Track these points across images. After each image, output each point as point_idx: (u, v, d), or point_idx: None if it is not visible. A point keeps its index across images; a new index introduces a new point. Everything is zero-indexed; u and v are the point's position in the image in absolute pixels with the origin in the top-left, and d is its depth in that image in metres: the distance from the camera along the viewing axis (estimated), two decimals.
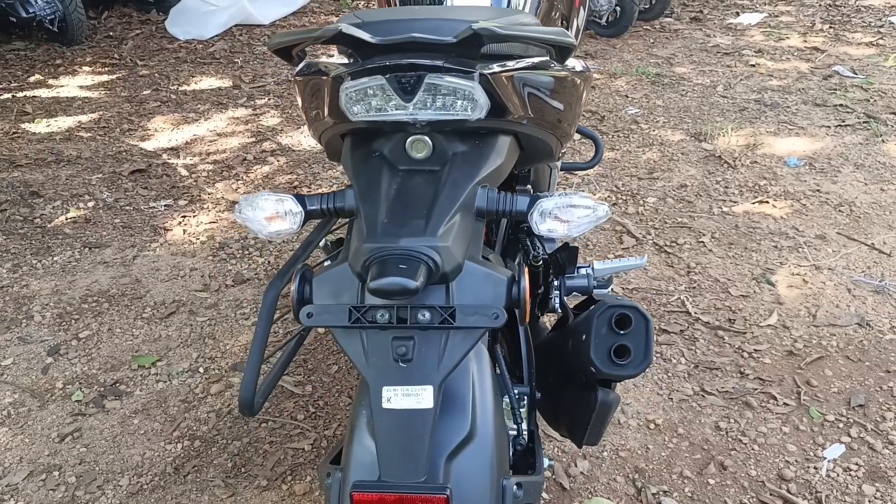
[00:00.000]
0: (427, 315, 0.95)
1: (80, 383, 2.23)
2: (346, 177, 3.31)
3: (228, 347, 2.38)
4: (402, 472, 0.94)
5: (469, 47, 0.98)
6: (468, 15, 1.16)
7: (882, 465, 1.85)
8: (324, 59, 1.18)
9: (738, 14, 5.86)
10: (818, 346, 2.28)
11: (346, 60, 1.15)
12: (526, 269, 0.99)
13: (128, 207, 3.20)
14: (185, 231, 3.03)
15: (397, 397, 0.94)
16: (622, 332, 1.13)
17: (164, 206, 3.21)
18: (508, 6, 1.66)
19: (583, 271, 1.45)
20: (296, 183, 3.38)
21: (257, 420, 2.08)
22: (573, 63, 1.24)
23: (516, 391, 1.28)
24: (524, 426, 1.28)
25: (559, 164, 1.88)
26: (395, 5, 1.83)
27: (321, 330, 2.42)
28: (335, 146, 1.22)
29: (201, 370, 2.29)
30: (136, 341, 2.41)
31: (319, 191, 3.30)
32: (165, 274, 2.75)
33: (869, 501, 1.76)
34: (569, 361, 1.29)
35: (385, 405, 0.95)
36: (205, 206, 3.21)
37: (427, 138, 1.04)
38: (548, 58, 1.14)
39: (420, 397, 0.94)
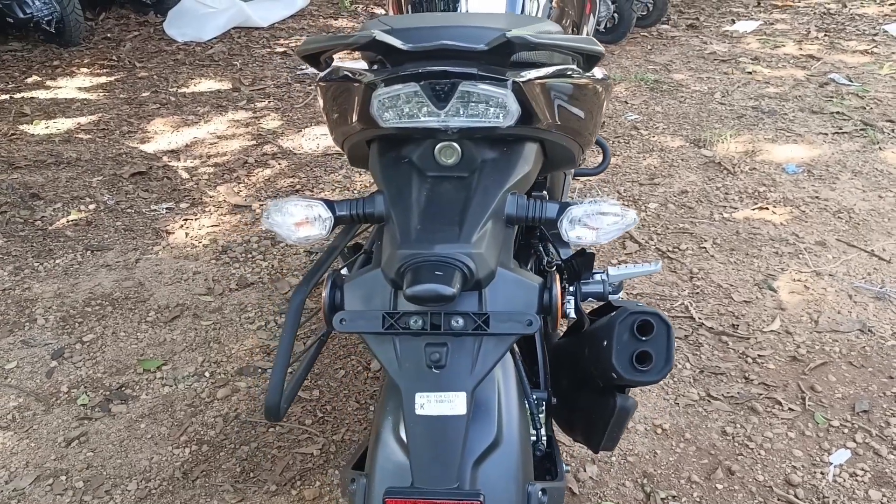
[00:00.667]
0: (461, 321, 0.96)
1: (85, 387, 2.23)
2: (369, 181, 3.32)
3: (234, 352, 2.37)
4: (436, 478, 0.94)
5: (500, 55, 1.00)
6: (495, 22, 1.17)
7: (888, 471, 1.87)
8: (350, 64, 1.19)
9: (733, 22, 5.90)
10: (821, 352, 2.30)
11: (369, 66, 1.16)
12: (557, 276, 1.00)
13: (129, 210, 3.19)
14: (187, 234, 3.02)
15: (430, 403, 0.95)
16: (644, 338, 1.14)
17: (166, 208, 3.20)
18: (522, 12, 1.68)
19: (597, 277, 1.46)
20: (298, 186, 3.38)
21: (265, 425, 2.08)
22: (595, 71, 1.25)
23: (534, 396, 1.28)
24: (542, 432, 1.29)
25: (572, 170, 1.90)
26: (408, 11, 1.84)
27: None
28: (358, 152, 1.23)
29: (207, 374, 2.28)
30: (141, 345, 2.40)
31: (321, 195, 3.30)
32: (168, 277, 2.75)
33: None
34: (585, 367, 1.30)
35: (418, 411, 0.95)
36: (207, 209, 3.21)
37: (456, 145, 1.05)
38: (574, 66, 1.15)
39: (453, 403, 0.95)
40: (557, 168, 1.31)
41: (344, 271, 1.34)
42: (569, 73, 1.13)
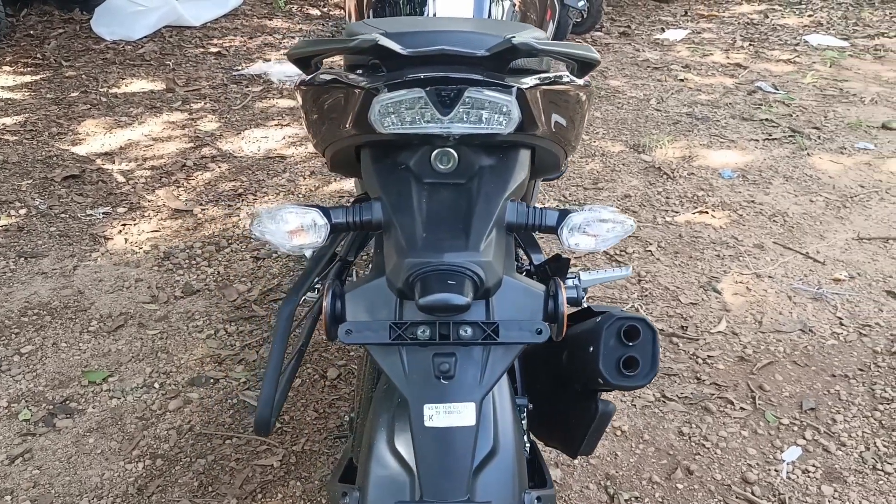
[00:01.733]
0: (469, 331, 0.95)
1: (26, 401, 2.12)
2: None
3: (183, 362, 2.30)
4: (446, 491, 0.93)
5: (500, 61, 0.99)
6: (488, 28, 1.17)
7: (837, 466, 1.94)
8: (339, 69, 1.16)
9: (663, 30, 6.06)
10: (766, 352, 2.37)
11: (357, 71, 1.14)
12: (561, 284, 1.00)
13: (63, 215, 3.07)
14: (126, 240, 2.92)
15: (439, 415, 0.94)
16: (630, 343, 1.15)
17: (103, 213, 3.08)
18: (489, 17, 1.68)
19: (570, 282, 1.47)
20: (240, 190, 3.31)
21: (221, 437, 2.03)
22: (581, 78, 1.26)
23: (517, 403, 1.28)
24: (526, 438, 1.29)
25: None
26: (369, 15, 1.82)
27: None
28: (343, 158, 1.20)
29: (156, 385, 2.21)
30: (85, 356, 2.31)
31: (265, 199, 3.24)
32: (109, 285, 2.65)
33: (828, 501, 1.84)
34: (564, 372, 1.31)
35: (427, 423, 0.94)
36: (146, 213, 3.11)
37: (453, 151, 1.04)
38: (567, 72, 1.15)
39: (462, 414, 0.94)
40: (543, 174, 1.32)
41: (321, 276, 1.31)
42: (564, 79, 1.14)
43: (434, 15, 1.65)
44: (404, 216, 1.00)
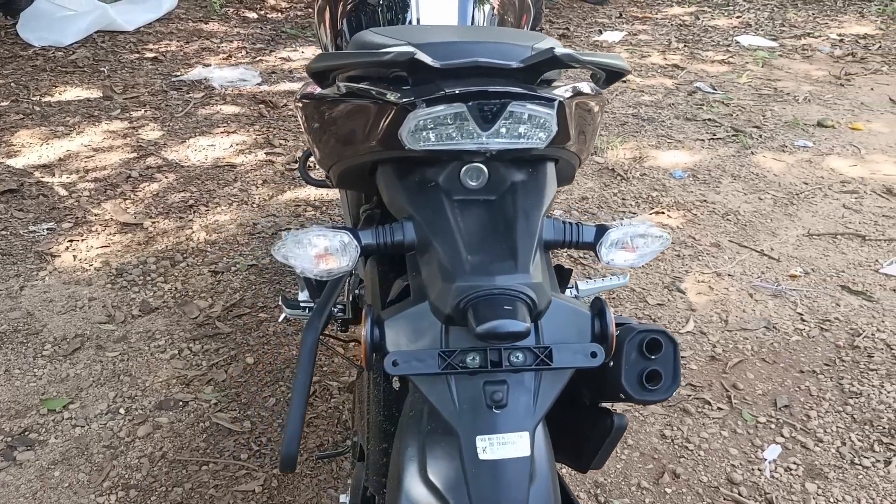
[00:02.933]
0: (521, 356, 0.92)
1: None
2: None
3: (148, 384, 2.20)
4: None
5: (534, 72, 0.96)
6: (508, 38, 1.14)
7: (817, 463, 1.98)
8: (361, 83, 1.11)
9: (601, 32, 6.14)
10: (735, 350, 2.41)
11: (374, 83, 1.09)
12: (607, 302, 0.98)
13: (3, 232, 2.90)
14: (75, 257, 2.78)
15: (493, 447, 0.90)
16: (652, 356, 1.13)
17: (47, 229, 2.94)
18: (472, 23, 1.66)
19: (568, 292, 1.45)
20: (191, 201, 3.20)
21: (196, 463, 1.94)
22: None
23: None
24: None
25: None
26: (342, 25, 1.77)
27: (250, 361, 2.30)
28: (354, 174, 1.15)
29: (122, 411, 2.10)
30: (41, 382, 2.18)
31: (217, 210, 3.14)
32: (61, 305, 2.52)
33: (813, 499, 1.87)
34: (578, 386, 1.29)
35: (482, 456, 0.90)
36: (93, 228, 2.97)
37: (483, 166, 1.01)
38: (592, 82, 1.13)
39: (517, 445, 0.90)
40: (559, 185, 1.30)
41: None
42: (591, 89, 1.12)
43: (418, 22, 1.62)
44: (443, 237, 0.96)
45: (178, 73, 4.57)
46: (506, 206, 1.01)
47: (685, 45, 5.85)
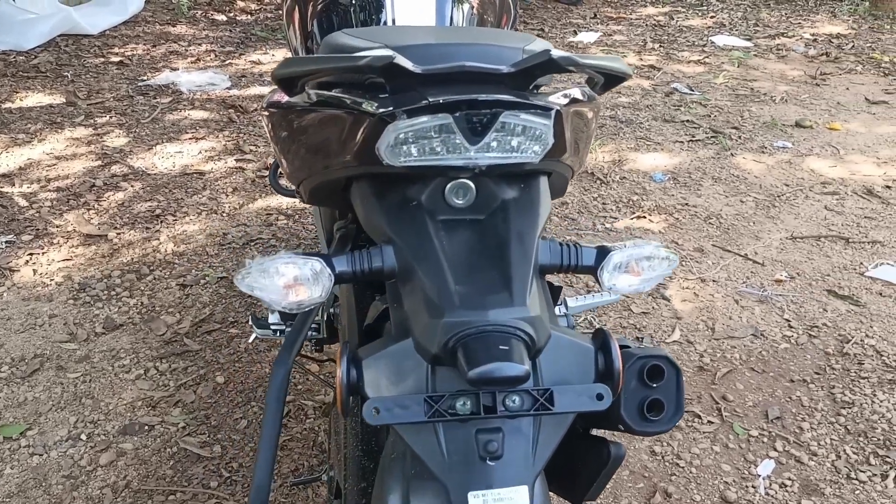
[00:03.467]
0: (518, 400, 0.82)
1: None
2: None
3: (112, 408, 2.09)
4: None
5: (526, 78, 0.87)
6: (495, 39, 1.04)
7: (812, 478, 1.91)
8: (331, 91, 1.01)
9: (576, 33, 6.08)
10: (723, 360, 2.35)
11: (349, 91, 0.99)
12: (612, 336, 0.89)
13: None
14: (35, 271, 2.65)
15: None
16: (654, 384, 1.05)
17: (5, 242, 2.80)
18: (451, 24, 1.57)
19: (558, 309, 1.37)
20: (158, 211, 3.07)
21: (163, 493, 1.83)
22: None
23: None
24: None
25: None
26: (312, 26, 1.67)
27: (220, 380, 2.19)
28: (327, 190, 1.05)
29: (83, 437, 1.99)
30: None
31: (186, 219, 3.02)
32: (19, 323, 2.39)
33: None
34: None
35: None
36: (55, 240, 2.84)
37: (471, 183, 0.91)
38: (587, 87, 1.05)
39: (514, 501, 0.81)
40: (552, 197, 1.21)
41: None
42: (587, 96, 1.03)
43: (393, 22, 1.52)
44: (428, 263, 0.86)
45: (145, 78, 4.43)
46: (497, 226, 0.92)
47: (660, 46, 5.81)
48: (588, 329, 2.46)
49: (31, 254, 2.75)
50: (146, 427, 2.02)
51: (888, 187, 3.53)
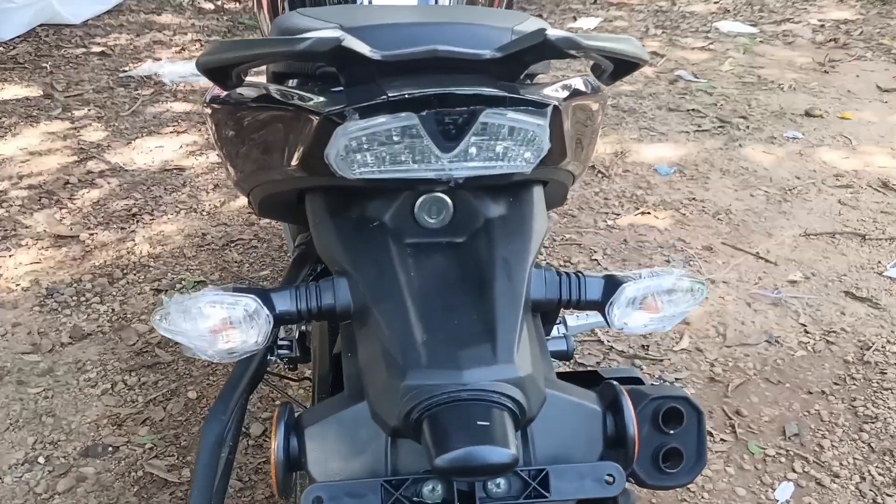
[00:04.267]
0: (503, 486, 0.65)
1: None
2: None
3: (74, 426, 1.93)
4: None
5: (515, 65, 0.70)
6: (479, 18, 0.87)
7: (836, 503, 1.75)
8: (268, 84, 0.84)
9: (575, 19, 5.90)
10: (736, 369, 2.18)
11: (297, 84, 0.82)
12: (624, 392, 0.72)
13: None
14: (0, 275, 2.48)
15: None
16: (671, 431, 0.88)
17: None
18: (437, 2, 1.39)
19: (555, 330, 1.20)
20: (134, 210, 2.90)
21: None
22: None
23: None
24: None
25: None
26: (284, 5, 1.50)
27: (193, 396, 2.02)
28: (276, 201, 0.88)
29: (41, 460, 1.83)
30: None
31: (164, 218, 2.85)
32: None
33: None
34: None
35: None
36: (23, 242, 2.67)
37: (446, 197, 0.74)
38: (591, 76, 0.88)
39: None
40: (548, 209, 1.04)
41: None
42: (590, 87, 0.86)
43: (370, 1, 1.35)
44: (389, 303, 0.69)
45: (127, 69, 4.25)
46: (478, 253, 0.74)
47: (663, 32, 5.62)
48: (588, 339, 2.29)
49: None
50: (110, 448, 1.86)
51: None
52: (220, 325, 0.70)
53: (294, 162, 0.76)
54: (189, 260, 2.61)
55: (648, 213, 3.04)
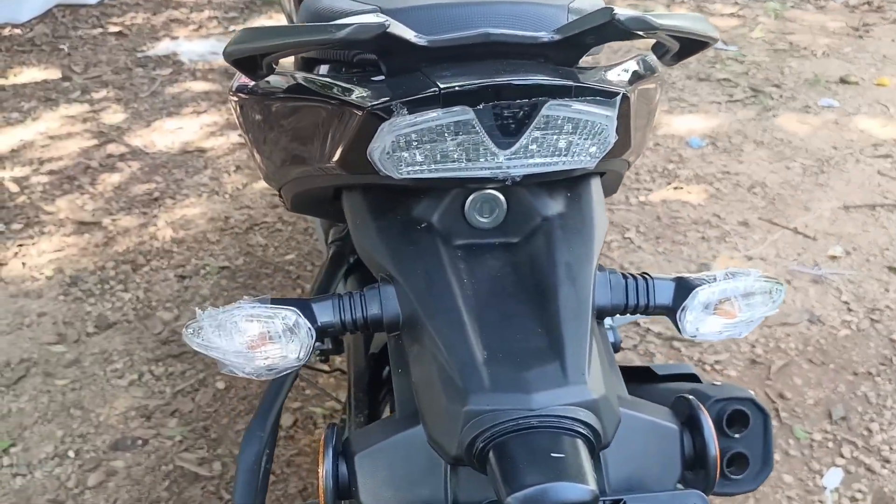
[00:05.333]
0: None
1: None
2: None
3: (102, 418, 1.90)
4: None
5: (576, 49, 0.63)
6: None
7: (887, 489, 1.69)
8: (293, 74, 0.77)
9: None
10: (777, 350, 2.11)
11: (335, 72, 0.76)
12: (702, 407, 0.66)
13: None
14: (24, 264, 2.46)
15: None
16: (735, 434, 0.82)
17: None
18: None
19: (607, 322, 1.14)
20: (156, 193, 2.87)
21: None
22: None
23: None
24: None
25: None
26: None
27: (221, 386, 1.99)
28: (312, 199, 0.82)
29: (71, 454, 1.80)
30: None
31: (187, 202, 2.81)
32: (6, 323, 2.20)
33: None
34: None
35: None
36: (45, 229, 2.64)
37: (499, 194, 0.67)
38: (652, 55, 0.81)
39: None
40: None
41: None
42: (647, 68, 0.80)
43: None
44: (443, 315, 0.62)
45: (144, 48, 4.19)
46: (536, 255, 0.67)
47: None
48: (629, 331, 2.23)
49: (20, 245, 2.55)
50: (139, 441, 1.84)
51: None
52: (258, 340, 0.65)
53: (332, 159, 0.70)
54: (213, 245, 2.57)
55: (680, 187, 2.96)
